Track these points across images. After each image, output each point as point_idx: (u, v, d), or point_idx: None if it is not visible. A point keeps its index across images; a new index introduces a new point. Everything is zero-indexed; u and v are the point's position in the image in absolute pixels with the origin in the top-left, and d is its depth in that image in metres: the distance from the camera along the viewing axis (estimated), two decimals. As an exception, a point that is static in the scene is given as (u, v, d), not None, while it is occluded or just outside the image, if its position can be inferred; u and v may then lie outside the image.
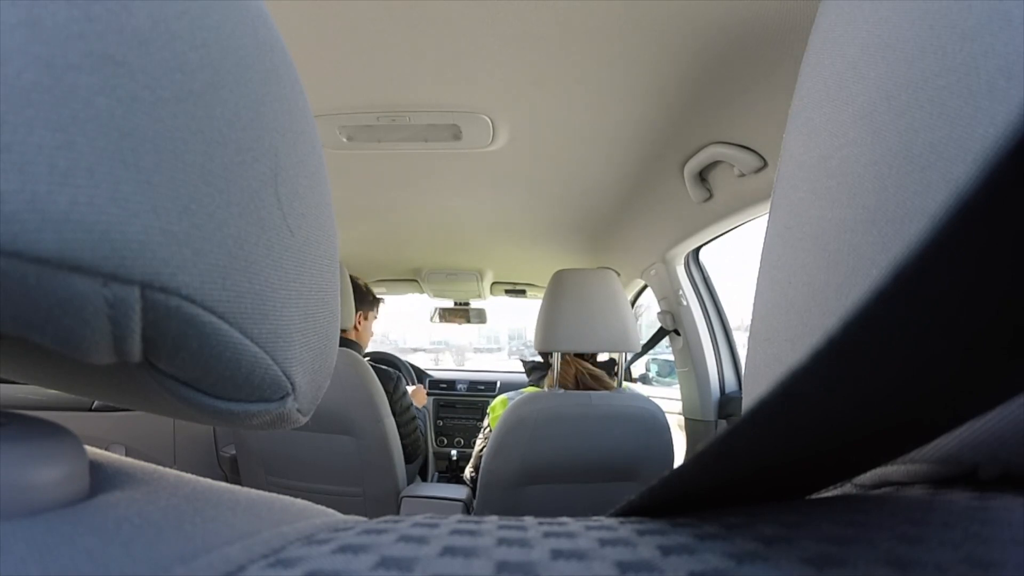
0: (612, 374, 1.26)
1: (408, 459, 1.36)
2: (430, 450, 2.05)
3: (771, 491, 0.15)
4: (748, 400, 0.22)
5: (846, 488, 0.19)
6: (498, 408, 1.26)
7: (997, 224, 0.07)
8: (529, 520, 0.15)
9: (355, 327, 1.45)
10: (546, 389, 1.21)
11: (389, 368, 1.37)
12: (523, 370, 1.48)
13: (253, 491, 0.18)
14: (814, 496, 0.17)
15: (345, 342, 1.33)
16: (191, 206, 0.12)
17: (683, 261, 1.35)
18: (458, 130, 0.94)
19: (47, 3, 0.10)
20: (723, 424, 1.31)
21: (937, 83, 0.14)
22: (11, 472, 0.12)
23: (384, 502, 1.24)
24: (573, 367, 1.21)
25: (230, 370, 0.14)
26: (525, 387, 1.35)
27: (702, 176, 1.01)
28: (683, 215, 1.16)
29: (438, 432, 2.32)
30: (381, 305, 1.65)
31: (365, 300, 1.51)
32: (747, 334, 0.22)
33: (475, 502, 1.12)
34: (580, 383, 1.19)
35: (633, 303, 1.82)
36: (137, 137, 0.11)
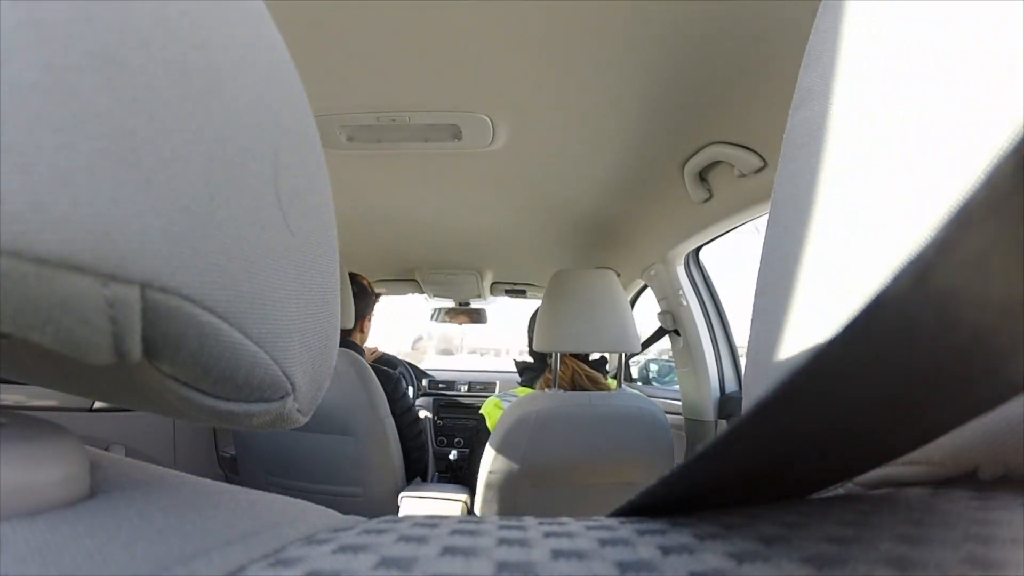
0: (603, 373, 1.26)
1: (415, 464, 1.35)
2: (430, 450, 2.05)
3: (771, 491, 0.15)
4: (748, 400, 0.22)
5: (846, 488, 0.19)
6: (492, 411, 1.25)
7: (998, 224, 0.07)
8: (529, 520, 0.15)
9: (360, 330, 1.43)
10: (543, 390, 1.21)
11: (389, 369, 1.36)
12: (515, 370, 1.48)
13: (253, 491, 0.18)
14: (814, 496, 0.17)
15: (347, 343, 1.32)
16: (191, 206, 0.12)
17: (683, 261, 1.35)
18: (458, 130, 0.94)
19: (47, 3, 0.10)
20: (723, 424, 1.31)
21: (937, 83, 0.14)
22: (11, 472, 0.12)
23: (384, 502, 1.24)
24: (571, 367, 1.21)
25: (230, 370, 0.14)
26: (515, 388, 1.35)
27: (702, 176, 1.01)
28: (683, 215, 1.16)
29: (438, 432, 2.32)
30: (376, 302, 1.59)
31: (368, 301, 1.47)
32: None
33: (475, 503, 1.12)
34: (576, 383, 1.19)
35: (633, 303, 1.82)
36: (137, 137, 0.11)
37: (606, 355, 1.31)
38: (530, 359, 1.38)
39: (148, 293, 0.11)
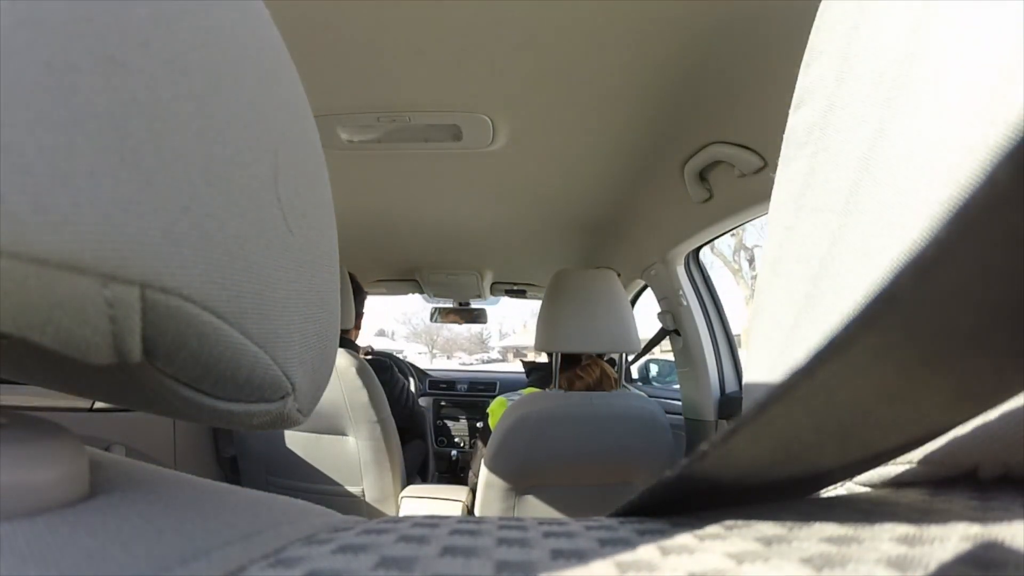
0: None
1: (411, 434, 1.34)
2: (430, 450, 2.06)
3: (771, 491, 0.15)
4: (748, 400, 0.22)
5: (846, 488, 0.19)
6: (496, 410, 1.26)
7: (998, 223, 0.07)
8: (529, 520, 0.15)
9: (356, 328, 1.45)
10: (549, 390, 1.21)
11: (383, 359, 1.36)
12: (523, 370, 1.48)
13: (253, 491, 0.18)
14: (814, 496, 0.17)
15: (346, 342, 1.33)
16: (191, 206, 0.12)
17: (683, 261, 1.35)
18: (458, 130, 0.94)
19: (47, 3, 0.10)
20: (723, 424, 1.31)
21: (937, 83, 0.14)
22: (11, 472, 0.12)
23: (384, 502, 1.24)
24: (598, 368, 1.20)
25: (230, 370, 0.14)
26: (524, 388, 1.35)
27: (702, 176, 1.01)
28: (683, 215, 1.16)
29: (438, 432, 2.32)
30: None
31: (362, 299, 1.50)
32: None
33: (475, 502, 1.12)
34: (602, 384, 1.19)
35: (633, 303, 1.82)
36: (137, 137, 0.11)
37: (614, 357, 1.30)
38: (537, 360, 1.38)
39: (148, 293, 0.11)
